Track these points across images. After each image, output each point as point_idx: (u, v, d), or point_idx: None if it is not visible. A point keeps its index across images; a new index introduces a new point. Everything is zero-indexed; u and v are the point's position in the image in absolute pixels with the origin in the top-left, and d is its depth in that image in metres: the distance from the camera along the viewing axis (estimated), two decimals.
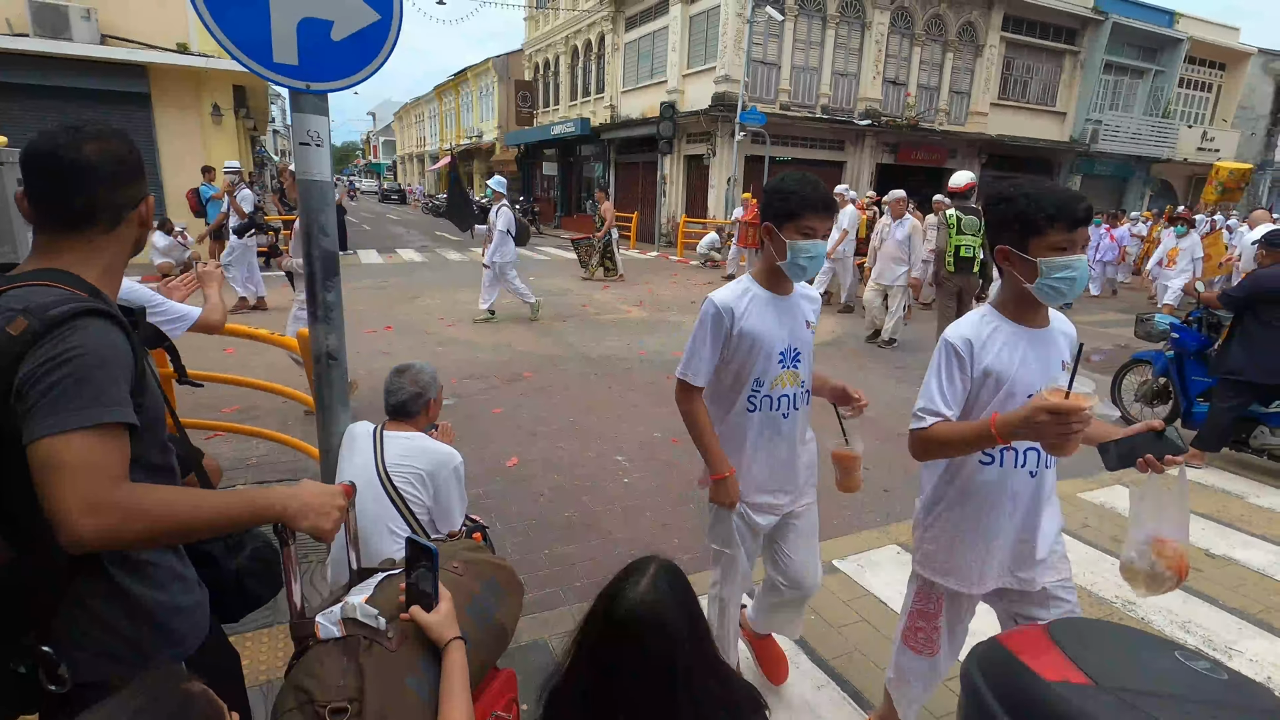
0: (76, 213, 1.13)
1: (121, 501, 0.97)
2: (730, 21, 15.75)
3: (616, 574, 1.09)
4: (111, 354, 1.05)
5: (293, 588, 1.33)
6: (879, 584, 3.01)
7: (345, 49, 2.14)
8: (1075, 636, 0.96)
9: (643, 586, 1.02)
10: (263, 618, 2.57)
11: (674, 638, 1.01)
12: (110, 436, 0.99)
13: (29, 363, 0.98)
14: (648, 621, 1.00)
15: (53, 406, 0.96)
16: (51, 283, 1.08)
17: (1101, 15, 20.10)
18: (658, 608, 1.01)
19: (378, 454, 2.21)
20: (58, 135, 1.13)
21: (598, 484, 3.96)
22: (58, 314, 1.01)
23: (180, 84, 11.67)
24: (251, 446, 4.22)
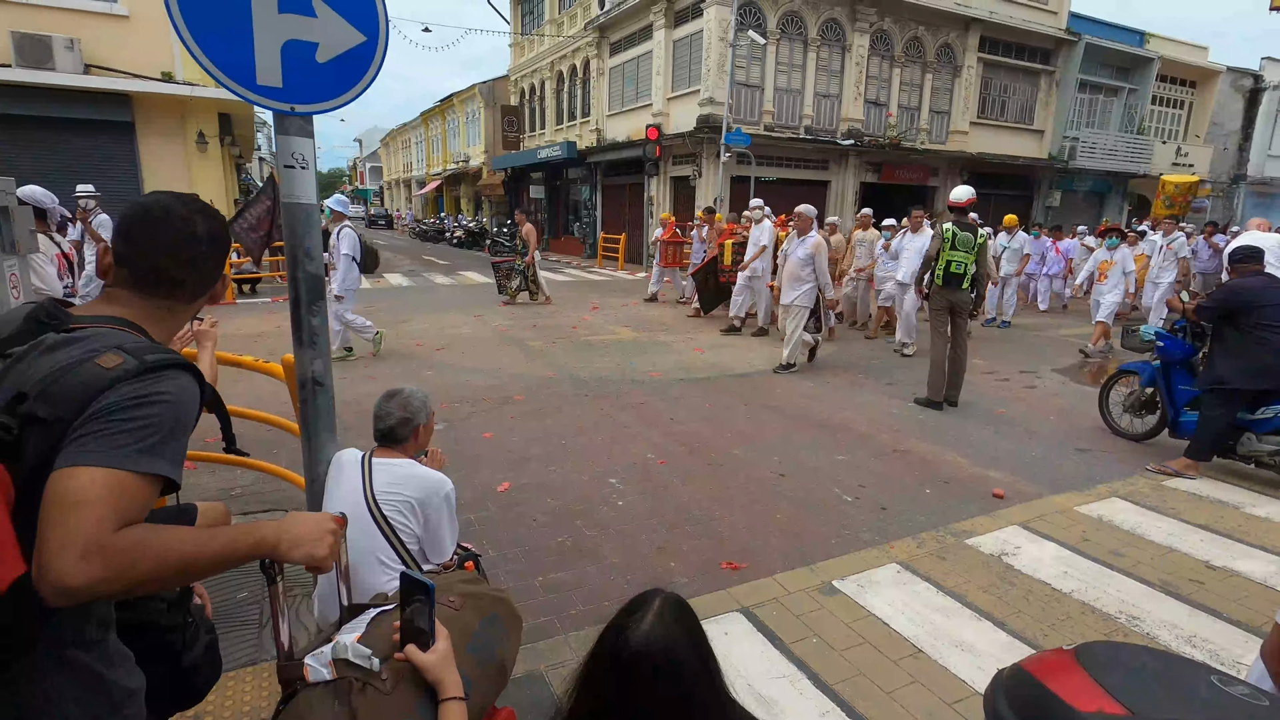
0: (170, 280, 1.15)
1: (123, 545, 0.90)
2: (714, 45, 15.98)
3: (619, 610, 1.03)
4: (191, 411, 1.04)
5: (280, 627, 1.27)
6: (881, 604, 2.96)
7: (330, 71, 2.12)
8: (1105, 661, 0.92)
9: (648, 623, 0.96)
10: (246, 655, 2.47)
11: (686, 677, 0.95)
12: (148, 487, 0.95)
13: (114, 395, 0.95)
14: (657, 661, 0.94)
15: (111, 440, 0.92)
16: (130, 330, 1.08)
17: (1075, 36, 20.61)
18: (666, 645, 0.95)
19: (366, 482, 2.15)
20: (171, 204, 1.16)
21: (591, 508, 3.89)
22: (156, 360, 1.00)
23: (164, 112, 11.63)
24: (235, 476, 4.13)
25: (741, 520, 3.78)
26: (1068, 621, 2.88)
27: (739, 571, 3.23)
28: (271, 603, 1.23)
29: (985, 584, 3.17)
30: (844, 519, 3.84)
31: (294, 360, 2.31)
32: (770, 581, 3.14)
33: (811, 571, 3.24)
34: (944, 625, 2.82)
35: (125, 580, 0.89)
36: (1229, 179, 25.99)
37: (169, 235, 1.13)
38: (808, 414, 5.77)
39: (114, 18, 10.90)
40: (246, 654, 2.52)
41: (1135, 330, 5.11)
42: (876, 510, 3.96)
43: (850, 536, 3.63)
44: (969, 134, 19.96)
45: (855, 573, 3.23)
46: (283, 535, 1.09)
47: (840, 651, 2.64)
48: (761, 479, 4.37)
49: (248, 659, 2.47)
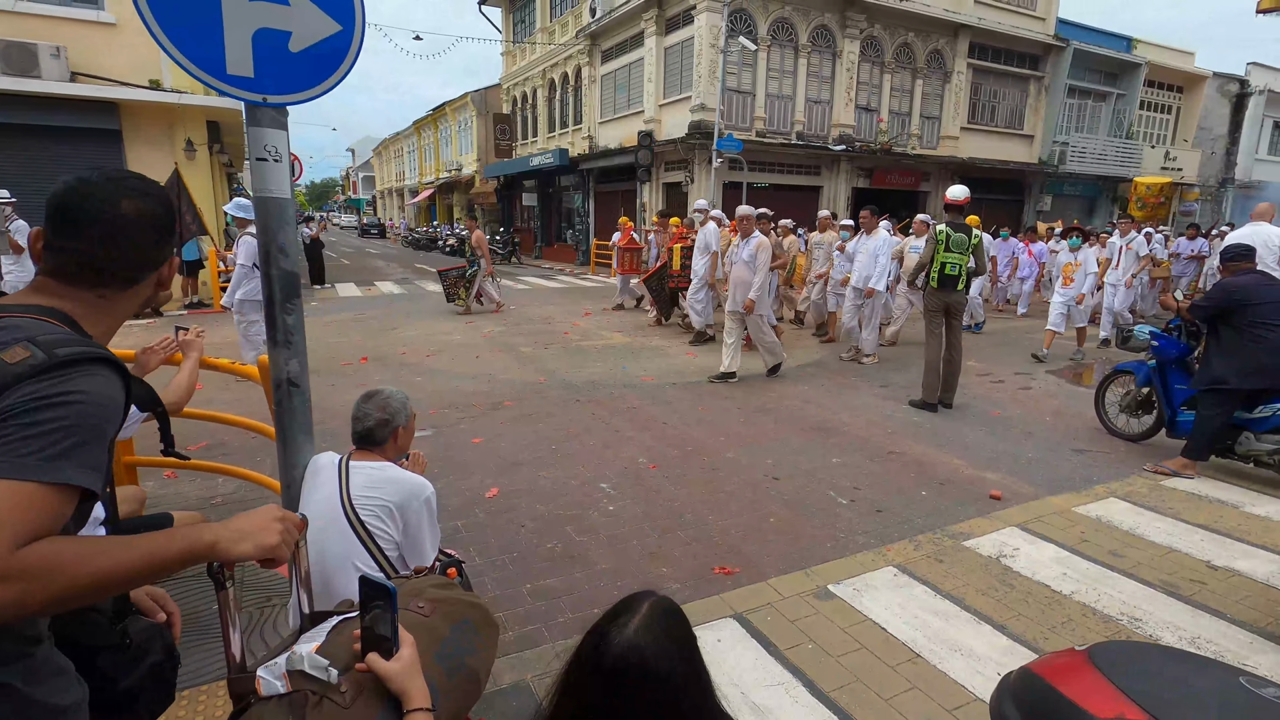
0: (95, 267, 1.05)
1: (27, 564, 0.80)
2: (705, 52, 16.01)
3: (604, 613, 0.95)
4: (110, 412, 0.94)
5: (231, 637, 1.18)
6: (878, 609, 2.88)
7: (304, 61, 2.05)
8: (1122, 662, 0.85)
9: (634, 629, 0.88)
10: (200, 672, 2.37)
11: (673, 688, 0.88)
12: (58, 498, 0.85)
13: (16, 395, 0.85)
14: (641, 670, 0.86)
15: (11, 448, 0.82)
16: (55, 321, 0.98)
17: (1063, 42, 20.76)
18: (652, 654, 0.87)
19: (342, 485, 2.07)
20: (95, 186, 1.05)
21: (582, 513, 3.81)
22: (67, 354, 0.90)
23: (152, 120, 11.54)
24: (216, 485, 4.03)
25: (735, 524, 3.70)
26: (1068, 624, 2.81)
27: (732, 576, 3.15)
28: (220, 610, 1.14)
29: (984, 586, 3.10)
30: (839, 522, 3.77)
31: (269, 361, 2.23)
32: (764, 586, 3.06)
33: (807, 576, 3.17)
34: (942, 629, 2.74)
35: (37, 601, 0.80)
36: (1217, 182, 26.18)
37: (90, 218, 1.04)
38: (802, 417, 5.71)
39: (101, 25, 10.83)
40: (201, 670, 2.41)
41: (1130, 331, 5.07)
42: (872, 513, 3.89)
43: (846, 540, 3.56)
44: (960, 139, 20.04)
45: (851, 576, 3.16)
46: (222, 533, 1.01)
47: (836, 657, 2.56)
48: (755, 482, 4.29)
49: (202, 677, 2.35)
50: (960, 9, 18.91)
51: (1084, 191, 23.54)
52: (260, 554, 1.05)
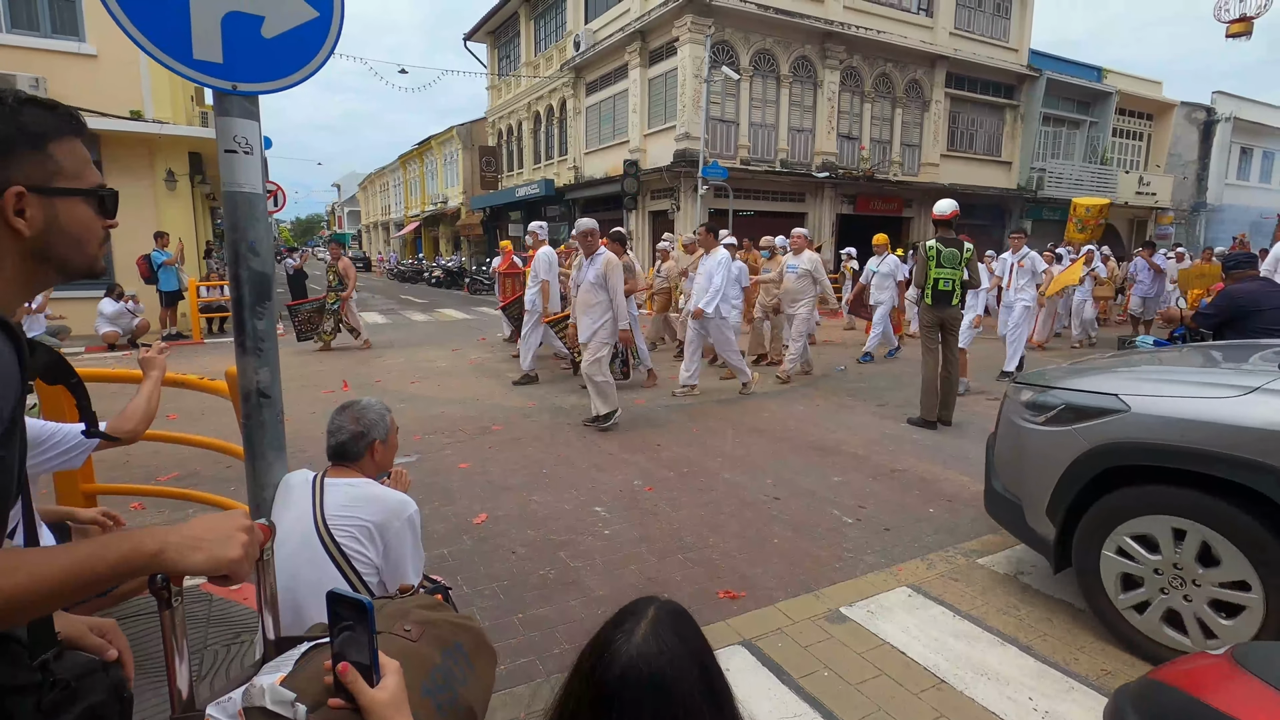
0: None
1: None
2: (688, 83, 16.21)
3: (606, 621, 0.80)
4: None
5: (176, 668, 0.99)
6: (894, 631, 2.70)
7: (278, 47, 1.93)
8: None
9: (640, 636, 0.74)
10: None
11: (686, 701, 0.73)
12: None
13: None
14: (650, 681, 0.72)
15: None
16: None
17: (1036, 72, 21.32)
18: (662, 662, 0.73)
19: (316, 504, 1.88)
20: None
21: (575, 538, 3.61)
22: None
23: (132, 151, 11.41)
24: (186, 515, 3.78)
25: (737, 546, 3.52)
26: (1097, 643, 2.64)
27: (738, 600, 2.96)
28: (164, 635, 0.95)
29: (1003, 605, 2.93)
30: (846, 542, 3.60)
31: (236, 371, 2.05)
32: (773, 610, 2.87)
33: (816, 598, 2.98)
34: (965, 652, 2.57)
35: None
36: (1189, 207, 26.78)
37: None
38: (798, 436, 5.56)
39: (82, 57, 10.76)
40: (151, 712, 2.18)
41: (1131, 341, 5.00)
42: (880, 532, 3.72)
43: (854, 560, 3.38)
44: (940, 166, 20.37)
45: (864, 598, 2.98)
46: (171, 540, 0.83)
47: (855, 685, 2.37)
48: (755, 503, 4.12)
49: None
50: (936, 41, 19.39)
51: (1063, 216, 23.72)
52: (216, 568, 0.87)
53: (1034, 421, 2.95)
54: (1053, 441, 2.82)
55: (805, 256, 7.89)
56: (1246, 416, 2.29)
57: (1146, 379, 2.80)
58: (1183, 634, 2.45)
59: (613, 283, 5.73)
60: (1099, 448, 2.64)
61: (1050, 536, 2.82)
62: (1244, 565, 2.27)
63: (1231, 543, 2.30)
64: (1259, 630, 2.25)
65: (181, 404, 5.95)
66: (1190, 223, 26.81)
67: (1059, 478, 2.75)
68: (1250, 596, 2.27)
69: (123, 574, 0.81)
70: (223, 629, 2.63)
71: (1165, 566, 2.47)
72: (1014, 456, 3.09)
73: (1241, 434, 2.27)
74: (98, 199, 1.00)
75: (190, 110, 12.59)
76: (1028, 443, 2.97)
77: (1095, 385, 2.80)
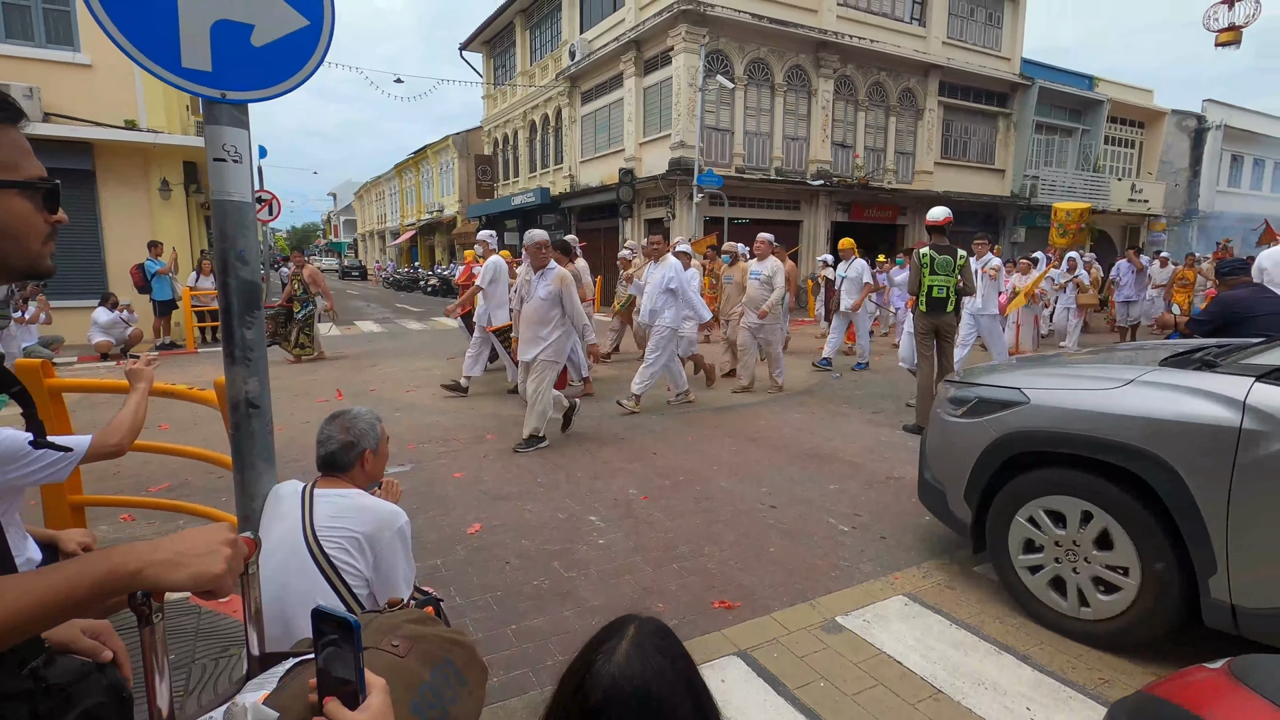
0: None
1: None
2: (683, 91, 16.28)
3: (587, 641, 0.79)
4: None
5: (156, 686, 0.97)
6: (891, 641, 2.68)
7: (268, 56, 1.92)
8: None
9: (622, 655, 0.72)
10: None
11: (672, 717, 0.72)
12: None
13: None
14: (635, 699, 0.70)
15: None
16: None
17: (1028, 80, 21.48)
18: (646, 679, 0.71)
19: (305, 515, 1.86)
20: None
21: (570, 547, 3.58)
22: None
23: (127, 160, 11.40)
24: (177, 527, 3.74)
25: (733, 555, 3.49)
26: (1094, 651, 2.63)
27: (733, 610, 2.94)
28: (144, 652, 0.93)
29: (1000, 614, 2.91)
30: (842, 550, 3.58)
31: (225, 380, 2.03)
32: (768, 620, 2.85)
33: (812, 608, 2.96)
34: (962, 662, 2.55)
35: None
36: (1181, 213, 26.96)
37: None
38: (794, 445, 5.54)
39: (76, 66, 10.75)
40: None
41: None
42: (876, 540, 3.70)
43: (850, 568, 3.36)
44: (933, 174, 20.47)
45: (859, 607, 2.96)
46: (152, 556, 0.81)
47: (851, 696, 2.35)
48: (751, 511, 4.10)
49: None
50: (929, 50, 19.53)
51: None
52: (199, 584, 0.85)
53: (954, 415, 3.24)
54: (968, 432, 3.11)
55: (769, 263, 7.47)
56: (1120, 405, 2.58)
57: (1046, 374, 3.09)
58: (1063, 597, 2.77)
59: (569, 302, 5.26)
60: (1004, 436, 2.93)
61: (968, 519, 3.11)
62: (1125, 541, 2.55)
63: (1110, 516, 2.58)
64: (1139, 587, 2.52)
65: (173, 414, 5.92)
66: (1182, 230, 26.98)
67: (973, 465, 3.04)
68: (1128, 581, 2.55)
69: (104, 595, 0.79)
70: (212, 642, 2.60)
71: (1050, 542, 2.79)
72: (939, 447, 3.37)
73: (1115, 420, 2.57)
74: (39, 193, 0.94)
75: (185, 119, 12.58)
76: (949, 434, 3.26)
77: (1003, 381, 3.13)
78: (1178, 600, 2.44)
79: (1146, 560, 2.49)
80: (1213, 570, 2.32)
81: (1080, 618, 2.70)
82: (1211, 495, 2.31)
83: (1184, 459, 2.37)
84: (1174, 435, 2.40)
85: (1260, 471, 2.21)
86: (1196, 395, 2.41)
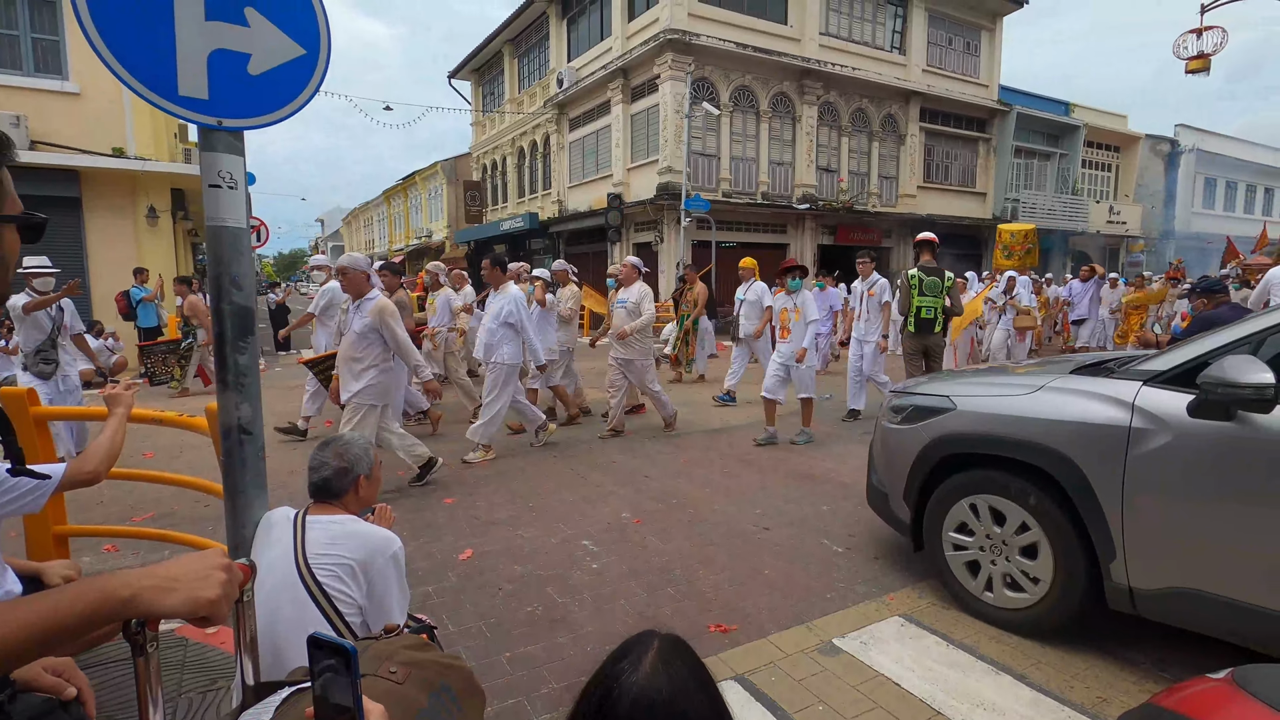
0: None
1: None
2: (670, 118, 16.52)
3: (607, 658, 0.79)
4: None
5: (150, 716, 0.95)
6: (888, 662, 2.66)
7: (265, 84, 1.93)
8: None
9: (647, 667, 0.72)
10: None
11: None
12: None
13: None
14: (660, 712, 0.70)
15: None
16: None
17: (1006, 106, 22.02)
18: (671, 692, 0.71)
19: (297, 542, 1.84)
20: None
21: (564, 572, 3.55)
22: None
23: (114, 187, 11.36)
24: (162, 558, 3.67)
25: (727, 578, 3.47)
26: (1091, 670, 2.62)
27: (729, 634, 2.92)
28: (138, 682, 0.91)
29: (996, 633, 2.91)
30: (837, 571, 3.57)
31: (217, 406, 2.02)
32: (765, 644, 2.83)
33: (808, 630, 2.95)
34: (961, 682, 2.53)
35: None
36: (1159, 234, 27.54)
37: None
38: (785, 466, 5.54)
39: (65, 95, 10.76)
40: None
41: None
42: (870, 560, 3.69)
43: (845, 590, 3.35)
44: (917, 197, 20.83)
45: (856, 629, 2.94)
46: (144, 582, 0.80)
47: (851, 719, 2.32)
48: (745, 533, 4.08)
49: None
50: (909, 77, 20.00)
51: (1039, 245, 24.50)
52: (194, 610, 0.84)
53: (894, 422, 3.48)
54: (905, 437, 3.36)
55: (635, 289, 6.63)
56: (1031, 409, 2.85)
57: (972, 383, 3.34)
58: (989, 590, 3.01)
59: (391, 336, 4.66)
60: (935, 440, 3.18)
61: (907, 519, 3.35)
62: (1039, 532, 2.80)
63: (1024, 509, 2.83)
64: (1052, 574, 2.76)
65: (159, 441, 5.84)
66: (1161, 250, 27.55)
67: (910, 467, 3.29)
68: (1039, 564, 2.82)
69: (94, 623, 0.78)
70: (199, 675, 2.54)
71: (983, 534, 3.01)
72: (882, 452, 3.60)
73: (1027, 422, 2.83)
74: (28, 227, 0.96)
75: (174, 146, 12.61)
76: (890, 440, 3.51)
77: (935, 389, 3.38)
78: (1084, 585, 2.68)
79: (1057, 549, 2.73)
80: (1112, 556, 2.56)
81: (1000, 605, 2.96)
82: (1109, 487, 2.54)
83: (1084, 455, 2.61)
84: (1076, 434, 2.65)
85: (1148, 464, 2.45)
86: (1094, 398, 2.66)
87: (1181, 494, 2.41)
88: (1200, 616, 2.41)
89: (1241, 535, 2.28)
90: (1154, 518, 2.46)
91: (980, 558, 3.02)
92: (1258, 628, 2.26)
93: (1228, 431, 2.28)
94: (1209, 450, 2.33)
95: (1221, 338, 2.50)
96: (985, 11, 21.55)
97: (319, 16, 2.01)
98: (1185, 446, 2.38)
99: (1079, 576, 2.68)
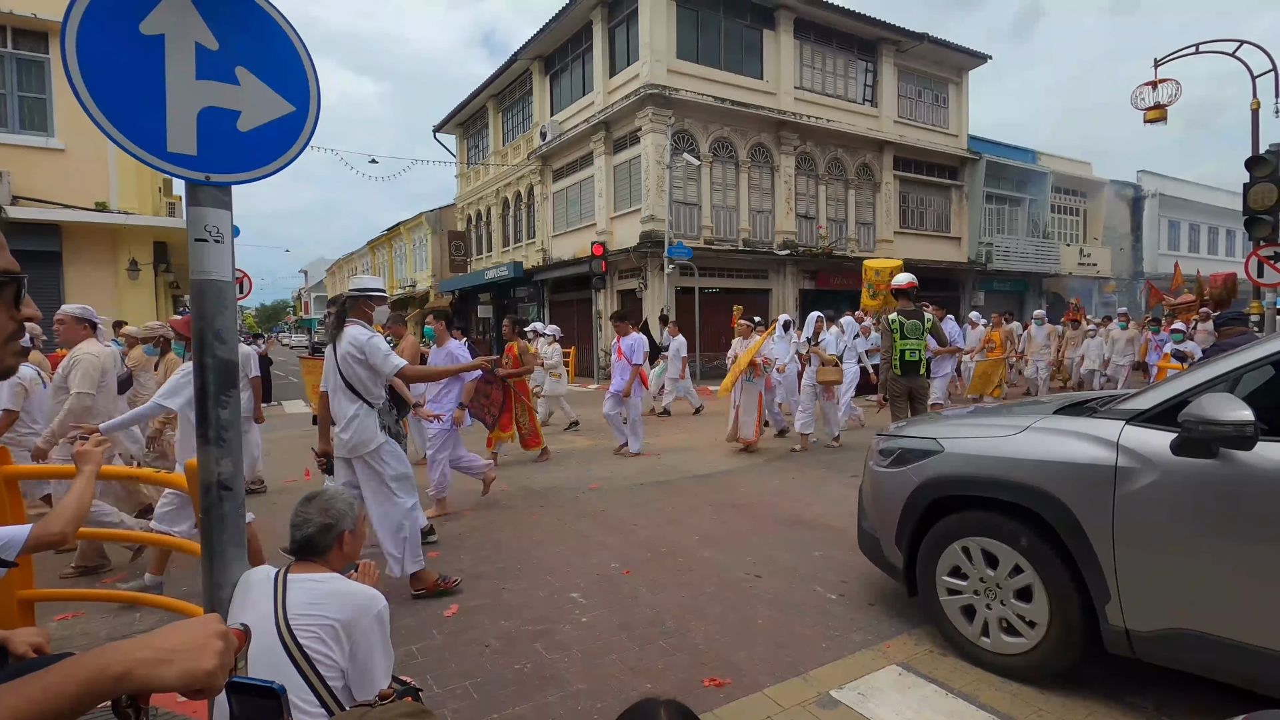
0: None
1: None
2: (652, 169, 16.92)
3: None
4: None
5: None
6: (888, 714, 2.59)
7: (253, 140, 1.96)
8: None
9: None
10: None
11: None
12: None
13: None
14: None
15: None
16: None
17: (975, 155, 22.83)
18: None
19: (278, 603, 1.78)
20: None
21: (552, 627, 3.45)
22: None
23: (96, 241, 11.33)
24: (134, 620, 3.53)
25: (720, 629, 3.39)
26: (1093, 716, 2.57)
27: (724, 688, 2.83)
28: None
29: (996, 681, 2.85)
30: (831, 620, 3.50)
31: (197, 462, 1.97)
32: (761, 698, 2.75)
33: (805, 682, 2.87)
34: None
35: None
36: (1129, 275, 28.34)
37: None
38: (775, 511, 5.49)
39: (50, 151, 10.81)
40: None
41: None
42: (865, 607, 3.63)
43: (841, 638, 3.28)
44: (894, 242, 21.31)
45: (853, 679, 2.87)
46: (138, 654, 0.75)
47: None
48: (736, 582, 4.01)
49: None
50: (881, 128, 20.72)
51: (1014, 287, 25.10)
52: (190, 683, 0.78)
53: (883, 465, 3.45)
54: (895, 481, 3.32)
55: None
56: (1016, 449, 2.85)
57: (959, 424, 3.37)
58: (985, 635, 2.95)
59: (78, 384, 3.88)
60: (925, 482, 3.15)
61: (900, 563, 3.29)
62: (1030, 571, 2.76)
63: (1016, 551, 2.79)
64: (1049, 618, 2.71)
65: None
66: (1130, 290, 28.30)
67: (900, 511, 3.24)
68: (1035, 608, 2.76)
69: (87, 706, 0.73)
70: None
71: (977, 578, 2.96)
72: (872, 496, 3.56)
73: (1013, 463, 2.83)
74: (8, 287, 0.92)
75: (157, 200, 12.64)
76: (879, 483, 3.47)
77: (923, 432, 3.37)
78: (1081, 628, 2.63)
79: (1052, 592, 2.69)
80: (1107, 598, 2.52)
81: (998, 651, 2.90)
82: (1098, 527, 2.52)
83: (1072, 495, 2.60)
84: (1063, 474, 2.64)
85: (1135, 503, 2.44)
86: (1080, 438, 2.67)
87: (1171, 533, 2.40)
88: (1199, 658, 2.38)
89: (1233, 574, 2.28)
90: (1145, 557, 2.44)
91: (975, 602, 2.98)
92: (1258, 669, 2.23)
93: (1212, 469, 2.30)
94: (1194, 488, 2.34)
95: (1198, 376, 2.54)
96: (951, 66, 22.53)
97: (309, 74, 2.05)
98: (1171, 485, 2.39)
99: (1075, 619, 2.64)
